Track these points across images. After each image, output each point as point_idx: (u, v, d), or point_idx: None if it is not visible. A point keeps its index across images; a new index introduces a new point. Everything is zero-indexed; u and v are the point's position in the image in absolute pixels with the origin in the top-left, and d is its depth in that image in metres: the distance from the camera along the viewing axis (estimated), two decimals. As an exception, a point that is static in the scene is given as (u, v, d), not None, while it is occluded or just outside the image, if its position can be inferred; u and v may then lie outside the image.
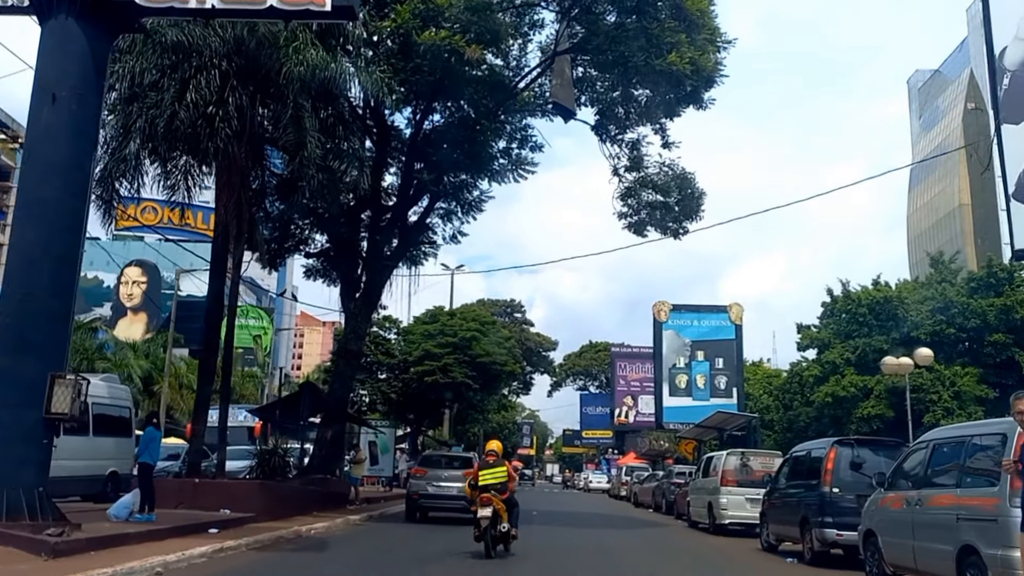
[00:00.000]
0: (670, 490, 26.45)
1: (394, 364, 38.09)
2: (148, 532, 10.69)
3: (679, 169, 21.40)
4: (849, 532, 11.81)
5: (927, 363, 26.18)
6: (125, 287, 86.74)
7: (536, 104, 23.76)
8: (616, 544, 16.14)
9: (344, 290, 22.22)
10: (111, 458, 16.57)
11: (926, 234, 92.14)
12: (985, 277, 39.42)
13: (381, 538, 14.27)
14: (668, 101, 21.62)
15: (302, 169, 14.64)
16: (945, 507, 8.33)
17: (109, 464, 16.55)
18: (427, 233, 23.79)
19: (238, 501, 14.66)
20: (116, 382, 18.44)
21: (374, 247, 21.04)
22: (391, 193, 22.94)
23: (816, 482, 12.61)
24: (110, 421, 16.90)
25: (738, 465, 18.66)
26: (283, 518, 15.16)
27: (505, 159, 22.31)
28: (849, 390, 38.92)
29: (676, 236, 21.86)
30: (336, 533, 14.78)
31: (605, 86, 22.79)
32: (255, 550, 11.20)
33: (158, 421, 12.95)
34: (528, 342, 65.97)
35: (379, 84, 15.69)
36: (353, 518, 17.47)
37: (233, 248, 15.26)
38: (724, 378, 48.06)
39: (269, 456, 17.62)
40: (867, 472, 12.33)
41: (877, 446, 12.98)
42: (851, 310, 41.36)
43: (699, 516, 20.31)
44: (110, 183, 15.86)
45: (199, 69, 14.69)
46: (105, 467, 16.55)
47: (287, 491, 17.05)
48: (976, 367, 37.74)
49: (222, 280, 16.20)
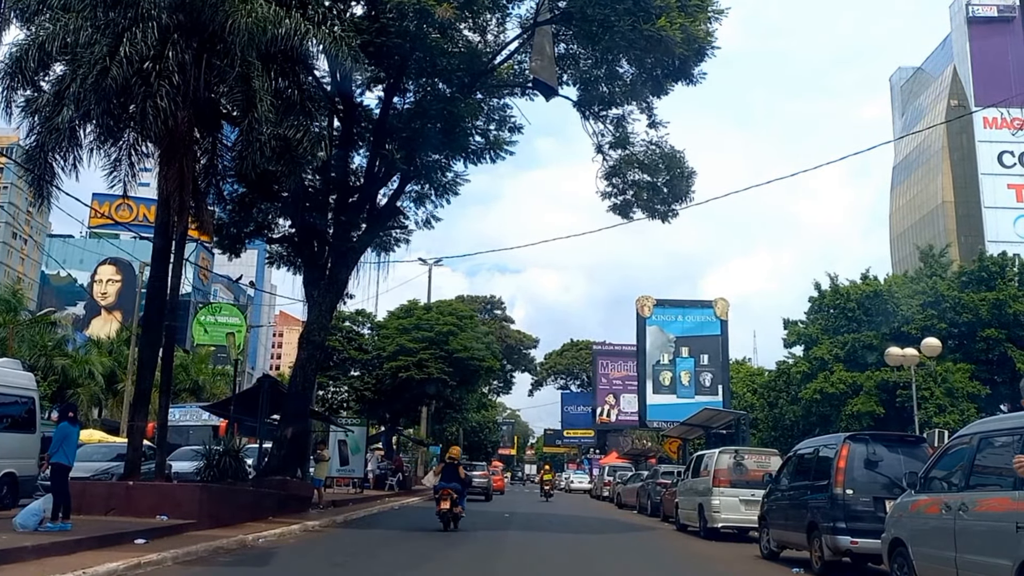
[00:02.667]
0: (656, 491, 25.12)
1: (367, 360, 36.45)
2: (53, 544, 9.08)
3: (667, 147, 19.99)
4: (865, 540, 10.46)
5: (935, 354, 25.12)
6: (99, 285, 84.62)
7: (515, 82, 22.33)
8: (600, 551, 14.80)
9: (308, 277, 20.64)
10: (7, 457, 14.15)
11: (908, 232, 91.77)
12: (976, 271, 38.63)
13: (337, 548, 12.71)
14: (655, 77, 20.27)
15: (251, 131, 13.06)
16: (999, 513, 6.93)
17: (4, 464, 14.11)
18: (398, 217, 22.26)
19: (179, 506, 13.06)
20: (18, 367, 15.87)
21: (340, 229, 19.44)
22: (360, 175, 21.37)
23: (826, 482, 11.20)
24: (5, 413, 14.62)
25: (731, 464, 17.26)
26: (231, 525, 13.58)
27: (482, 139, 20.82)
28: (838, 386, 37.91)
29: (665, 219, 20.46)
30: (288, 542, 13.19)
31: (588, 64, 21.41)
32: (182, 564, 9.62)
33: (75, 415, 11.30)
34: (508, 339, 64.56)
35: (339, 43, 14.12)
36: (312, 524, 15.88)
37: (175, 223, 13.62)
38: (709, 375, 46.78)
39: (220, 456, 15.94)
40: (884, 472, 11.00)
41: (894, 443, 11.57)
42: (839, 305, 40.44)
43: (688, 519, 18.97)
44: (42, 157, 14.19)
45: (135, 21, 13.07)
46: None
47: (238, 495, 15.41)
48: (968, 363, 36.83)
49: (165, 262, 14.55)
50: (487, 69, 20.41)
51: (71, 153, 14.48)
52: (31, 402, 15.20)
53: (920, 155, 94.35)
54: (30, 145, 14.60)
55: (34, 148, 14.23)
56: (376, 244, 22.26)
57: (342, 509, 20.98)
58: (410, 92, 20.31)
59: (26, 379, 15.48)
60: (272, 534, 13.38)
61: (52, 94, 14.23)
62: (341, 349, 36.15)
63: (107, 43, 13.20)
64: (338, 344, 35.80)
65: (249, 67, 13.24)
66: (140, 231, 69.84)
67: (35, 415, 15.29)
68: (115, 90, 12.78)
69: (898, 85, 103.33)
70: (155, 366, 15.24)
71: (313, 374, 19.53)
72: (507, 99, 22.34)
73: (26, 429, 14.98)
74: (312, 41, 14.27)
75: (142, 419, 14.68)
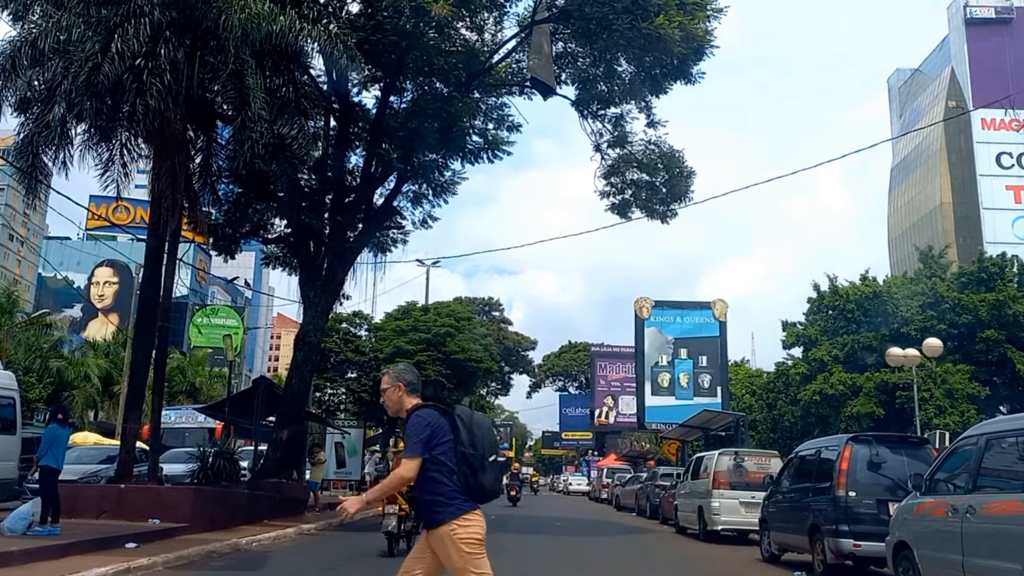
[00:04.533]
0: (655, 493, 24.91)
1: (365, 362, 36.18)
2: (41, 549, 8.90)
3: (666, 147, 19.84)
4: (868, 542, 10.28)
5: (936, 354, 24.98)
6: (96, 288, 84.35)
7: (513, 81, 22.20)
8: (598, 553, 14.62)
9: (304, 278, 20.44)
10: None
11: (907, 233, 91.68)
12: (976, 272, 38.52)
13: (331, 552, 12.53)
14: (654, 76, 20.15)
15: (244, 129, 12.88)
16: (1008, 515, 6.76)
17: None
18: (395, 217, 22.06)
19: (172, 510, 12.88)
20: None
21: (336, 229, 19.25)
22: (357, 175, 21.19)
23: (828, 484, 11.02)
24: None
25: (731, 466, 17.06)
26: (225, 528, 13.41)
27: (480, 138, 20.67)
28: (837, 388, 37.78)
29: (664, 220, 20.29)
30: (283, 546, 13.01)
31: (587, 63, 21.28)
32: (173, 569, 9.43)
33: (65, 417, 11.10)
34: (506, 341, 64.32)
35: (334, 41, 13.96)
36: (308, 527, 15.68)
37: (168, 222, 13.42)
38: (708, 376, 46.52)
39: (214, 458, 15.73)
40: (887, 473, 10.83)
41: (897, 444, 11.39)
42: (839, 306, 40.31)
43: (688, 521, 18.78)
44: (32, 152, 14.02)
45: (127, 17, 12.90)
46: None
47: (232, 498, 15.22)
48: (968, 364, 36.70)
49: (158, 262, 14.35)
50: (484, 68, 20.27)
51: (62, 150, 14.33)
52: (11, 402, 14.53)
53: (918, 157, 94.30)
54: (19, 140, 14.45)
55: (23, 143, 14.05)
56: (373, 244, 22.08)
57: (338, 513, 20.77)
58: (407, 91, 20.16)
59: (6, 378, 14.92)
60: (266, 538, 13.20)
61: (44, 90, 14.09)
62: (338, 351, 35.92)
63: (99, 40, 13.02)
64: (335, 346, 35.58)
65: (243, 64, 13.06)
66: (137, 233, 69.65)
67: (16, 415, 14.65)
68: (107, 87, 12.61)
69: (896, 87, 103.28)
70: (149, 367, 15.03)
71: (309, 375, 19.33)
72: (505, 98, 22.24)
73: (5, 430, 14.37)
74: (307, 39, 14.11)
75: (135, 421, 14.49)
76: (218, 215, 21.17)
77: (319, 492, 20.53)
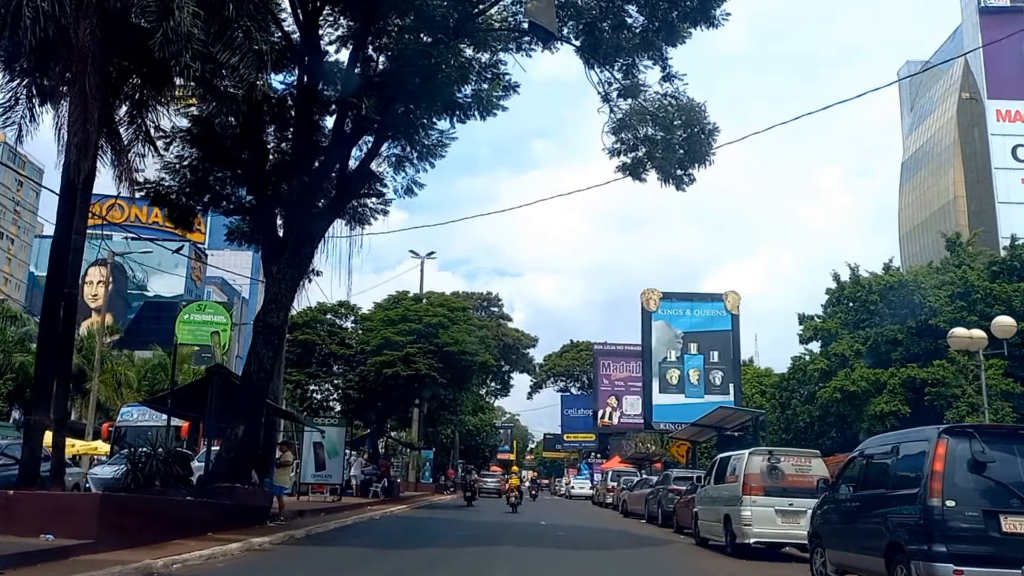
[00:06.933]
0: (668, 498, 22.30)
1: (351, 355, 33.57)
2: None
3: (684, 99, 17.14)
4: (974, 568, 7.74)
5: (1008, 335, 22.52)
6: (89, 287, 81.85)
7: (511, 36, 19.61)
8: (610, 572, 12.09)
9: (267, 252, 17.81)
10: None
11: (918, 229, 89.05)
12: (1008, 260, 35.96)
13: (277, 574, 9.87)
14: (670, 21, 17.52)
15: (167, 47, 10.25)
16: None
17: None
18: (374, 183, 19.39)
19: (73, 522, 10.20)
20: None
21: (303, 191, 16.58)
22: (327, 135, 18.56)
23: (915, 491, 8.37)
24: None
25: (765, 468, 14.39)
26: (144, 545, 10.71)
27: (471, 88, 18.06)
28: (860, 384, 35.13)
29: (680, 186, 17.61)
30: (215, 566, 10.35)
31: (593, 14, 18.69)
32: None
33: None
34: (506, 337, 61.70)
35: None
36: (260, 540, 12.96)
37: (77, 162, 10.77)
38: (720, 373, 43.72)
39: (147, 459, 13.04)
40: (996, 476, 8.17)
41: (1008, 438, 8.72)
42: (860, 297, 37.76)
43: (710, 532, 16.16)
44: None
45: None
46: None
47: (165, 507, 12.55)
48: (1001, 359, 34.06)
49: (70, 221, 11.71)
50: (474, 12, 17.68)
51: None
52: None
53: (930, 150, 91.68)
54: None
55: None
56: (349, 215, 19.44)
57: (309, 521, 18.10)
58: (385, 36, 17.54)
59: None
60: (197, 556, 10.53)
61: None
62: (322, 344, 33.32)
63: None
64: (319, 338, 32.98)
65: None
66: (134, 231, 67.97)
67: None
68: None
69: (907, 79, 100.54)
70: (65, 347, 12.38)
71: (271, 363, 16.64)
72: (500, 54, 19.67)
73: None
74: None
75: (43, 412, 11.76)
76: (172, 182, 18.60)
77: (283, 498, 17.83)
